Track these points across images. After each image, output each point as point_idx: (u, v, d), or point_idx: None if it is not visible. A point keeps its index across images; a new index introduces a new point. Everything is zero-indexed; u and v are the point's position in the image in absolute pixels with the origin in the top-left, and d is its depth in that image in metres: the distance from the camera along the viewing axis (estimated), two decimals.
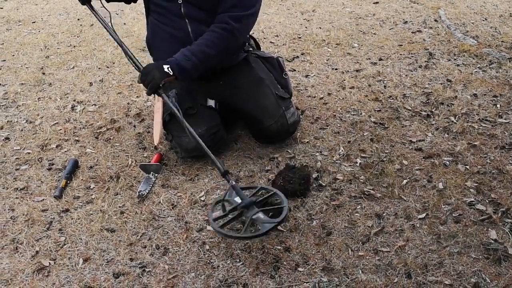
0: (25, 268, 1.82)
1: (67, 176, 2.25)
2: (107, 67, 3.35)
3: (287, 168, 2.22)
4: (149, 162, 2.35)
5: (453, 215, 2.03)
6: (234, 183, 1.95)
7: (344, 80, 3.11)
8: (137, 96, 2.97)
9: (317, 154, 2.40)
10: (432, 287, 1.72)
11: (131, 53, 2.17)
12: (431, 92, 2.93)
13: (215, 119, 2.34)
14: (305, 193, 2.14)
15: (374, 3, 4.55)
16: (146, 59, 3.42)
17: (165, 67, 2.03)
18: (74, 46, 3.71)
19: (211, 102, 2.36)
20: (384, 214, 2.04)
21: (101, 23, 2.23)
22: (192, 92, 2.31)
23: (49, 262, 1.84)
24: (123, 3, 2.42)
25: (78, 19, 4.28)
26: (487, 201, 2.09)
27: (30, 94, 3.03)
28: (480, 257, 1.83)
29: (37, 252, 1.88)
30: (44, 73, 3.29)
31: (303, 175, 2.16)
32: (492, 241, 1.89)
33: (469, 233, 1.94)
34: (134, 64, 2.15)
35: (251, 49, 2.51)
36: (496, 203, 2.08)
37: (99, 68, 3.34)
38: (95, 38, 3.83)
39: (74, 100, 2.95)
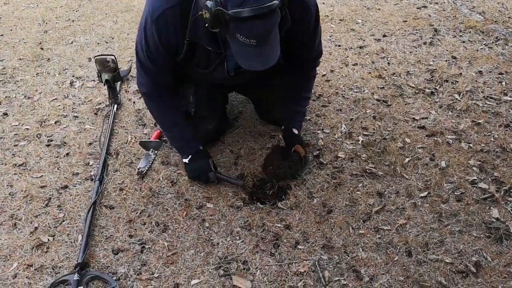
0: (24, 244, 1.81)
1: None
2: (106, 42, 3.30)
3: (274, 151, 2.17)
4: (149, 139, 2.33)
5: (455, 193, 2.01)
6: None
7: (347, 56, 3.06)
8: None
9: (319, 131, 2.37)
10: (432, 265, 1.71)
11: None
12: (436, 69, 2.88)
13: (222, 111, 2.34)
14: (295, 175, 2.09)
15: None
16: None
17: (295, 131, 2.16)
18: (73, 21, 3.64)
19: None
20: (386, 193, 2.02)
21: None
22: (209, 96, 2.23)
23: (48, 238, 1.83)
24: None
25: None
26: (490, 179, 2.07)
27: (28, 70, 2.99)
28: (482, 235, 1.82)
29: (36, 228, 1.88)
30: (42, 48, 3.23)
31: (292, 158, 2.09)
32: (494, 220, 1.88)
33: (471, 211, 1.92)
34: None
35: None
36: (499, 182, 2.06)
37: (98, 43, 3.28)
38: (94, 13, 3.75)
39: (73, 76, 2.90)
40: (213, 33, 1.67)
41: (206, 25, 1.58)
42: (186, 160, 2.07)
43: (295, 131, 2.14)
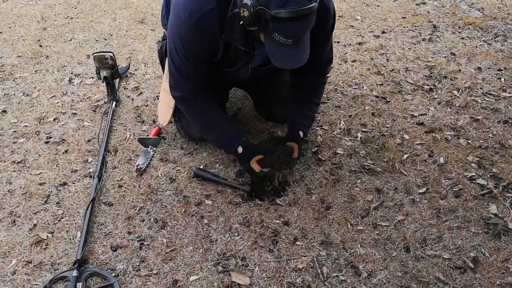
0: (23, 241, 1.81)
1: None
2: (105, 39, 3.29)
3: (269, 139, 2.17)
4: (148, 135, 2.33)
5: (454, 189, 2.01)
6: None
7: (346, 53, 3.06)
8: (135, 69, 2.93)
9: (318, 128, 2.37)
10: (430, 261, 1.72)
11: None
12: (434, 65, 2.88)
13: (223, 108, 2.33)
14: (281, 166, 2.04)
15: None
16: (144, 31, 3.37)
17: (301, 133, 2.11)
18: (72, 18, 3.63)
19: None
20: (384, 189, 2.02)
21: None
22: (212, 94, 2.15)
23: (47, 235, 1.83)
24: None
25: None
26: (488, 175, 2.07)
27: (27, 67, 2.99)
28: (480, 231, 1.83)
29: (34, 225, 1.88)
30: (41, 46, 3.23)
31: (284, 150, 2.04)
32: (492, 216, 1.88)
33: (469, 207, 1.92)
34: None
35: None
36: (497, 178, 2.06)
37: (97, 40, 3.28)
38: (92, 10, 3.75)
39: (72, 73, 2.90)
40: (245, 32, 1.69)
41: (241, 22, 1.60)
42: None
43: (301, 134, 2.12)
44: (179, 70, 1.88)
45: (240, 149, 2.02)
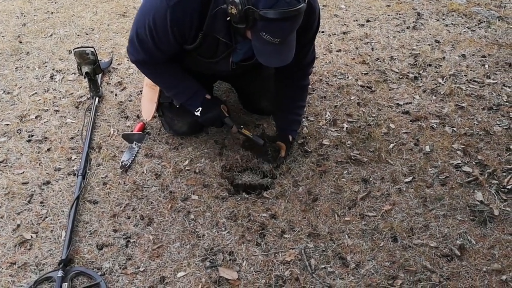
0: (6, 242, 1.78)
1: None
2: (86, 34, 3.24)
3: (258, 135, 2.16)
4: (132, 131, 2.30)
5: (440, 177, 2.01)
6: None
7: (331, 43, 3.04)
8: (118, 64, 2.88)
9: (304, 119, 2.36)
10: (417, 250, 1.72)
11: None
12: (419, 53, 2.87)
13: None
14: (268, 160, 2.08)
15: None
16: (126, 24, 3.32)
17: (290, 137, 2.15)
18: (52, 13, 3.57)
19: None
20: (371, 179, 2.02)
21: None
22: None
23: (31, 235, 1.81)
24: None
25: None
26: (473, 162, 2.08)
27: (7, 64, 2.93)
28: (466, 219, 1.84)
29: (18, 225, 1.85)
30: (21, 42, 3.16)
31: (272, 147, 2.08)
32: (478, 203, 1.89)
33: (455, 195, 1.93)
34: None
35: None
36: (483, 165, 2.07)
37: (78, 35, 3.22)
38: (73, 4, 3.68)
39: (53, 69, 2.85)
40: (228, 24, 1.68)
41: (228, 18, 1.60)
42: (197, 113, 2.02)
43: (290, 137, 2.14)
44: (141, 43, 1.84)
45: (208, 96, 2.03)
